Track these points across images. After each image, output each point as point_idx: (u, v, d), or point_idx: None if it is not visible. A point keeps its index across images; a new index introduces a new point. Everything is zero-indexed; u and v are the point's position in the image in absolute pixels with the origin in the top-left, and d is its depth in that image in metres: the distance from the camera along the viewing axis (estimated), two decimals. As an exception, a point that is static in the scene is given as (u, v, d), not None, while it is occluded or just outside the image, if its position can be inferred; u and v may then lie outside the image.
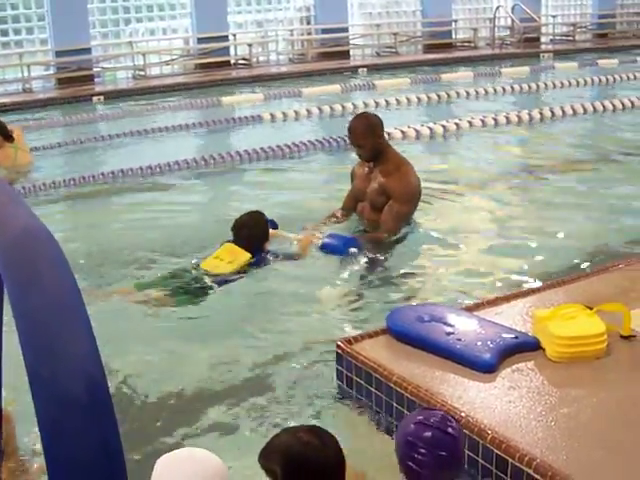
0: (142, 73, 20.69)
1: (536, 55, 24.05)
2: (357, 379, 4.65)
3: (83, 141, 13.41)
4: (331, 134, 12.53)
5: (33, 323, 2.26)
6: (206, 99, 17.29)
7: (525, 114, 14.03)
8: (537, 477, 3.51)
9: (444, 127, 13.10)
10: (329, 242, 7.06)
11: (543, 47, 25.71)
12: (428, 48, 24.70)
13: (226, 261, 6.60)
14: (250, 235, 6.73)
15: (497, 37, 25.61)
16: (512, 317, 5.02)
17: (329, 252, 7.01)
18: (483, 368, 4.37)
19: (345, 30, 23.83)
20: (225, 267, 6.56)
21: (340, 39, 23.55)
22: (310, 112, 15.42)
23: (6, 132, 10.98)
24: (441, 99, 16.53)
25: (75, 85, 19.08)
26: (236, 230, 6.78)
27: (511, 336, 4.60)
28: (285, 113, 15.27)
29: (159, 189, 10.22)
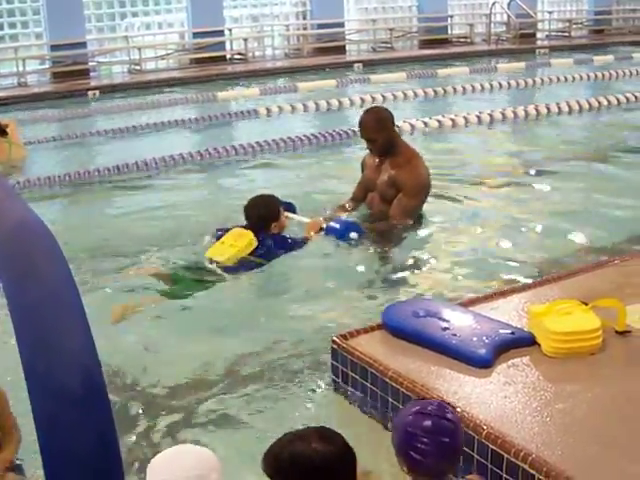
0: (137, 67, 20.68)
1: (532, 51, 24.06)
2: (352, 374, 4.65)
3: (78, 135, 13.40)
4: (327, 129, 12.53)
5: (28, 316, 2.26)
6: (202, 94, 17.29)
7: (521, 110, 14.04)
8: (532, 472, 3.51)
9: (439, 122, 13.10)
10: (332, 226, 7.14)
11: (539, 43, 25.74)
12: (424, 44, 24.70)
13: (228, 244, 6.67)
14: (259, 215, 6.84)
15: (493, 33, 25.61)
16: (508, 312, 5.02)
17: (331, 235, 7.08)
18: (479, 363, 4.36)
19: (341, 25, 23.81)
20: (227, 250, 6.63)
21: (336, 34, 23.53)
22: (306, 107, 15.41)
23: None
24: (437, 94, 16.54)
25: (70, 79, 19.04)
26: (246, 210, 6.92)
27: (507, 331, 4.60)
28: (281, 107, 15.26)
29: (155, 184, 10.23)
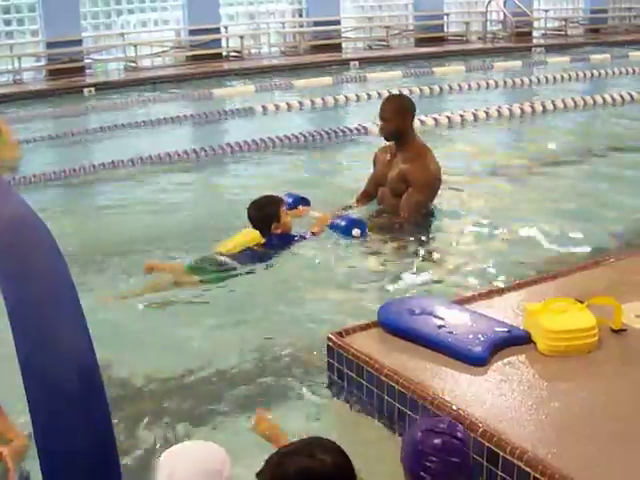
0: (133, 65, 20.67)
1: (528, 49, 24.05)
2: (348, 372, 4.65)
3: (74, 133, 13.38)
4: (323, 127, 12.53)
5: (25, 313, 2.25)
6: (197, 91, 17.30)
7: (517, 108, 14.05)
8: (528, 470, 3.51)
9: (436, 120, 13.10)
10: (336, 222, 7.25)
11: (535, 41, 25.72)
12: (420, 41, 24.69)
13: (235, 240, 6.82)
14: (256, 217, 6.93)
15: (489, 31, 25.66)
16: (503, 310, 5.02)
17: (335, 231, 7.20)
18: (474, 361, 4.36)
19: (337, 23, 23.81)
20: (233, 246, 6.76)
21: (332, 32, 23.53)
22: (302, 105, 15.40)
23: None
24: (433, 92, 16.54)
25: (66, 76, 19.02)
26: (248, 212, 7.01)
27: (502, 329, 4.60)
28: (277, 105, 15.26)
29: (150, 181, 10.21)
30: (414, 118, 7.61)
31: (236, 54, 22.14)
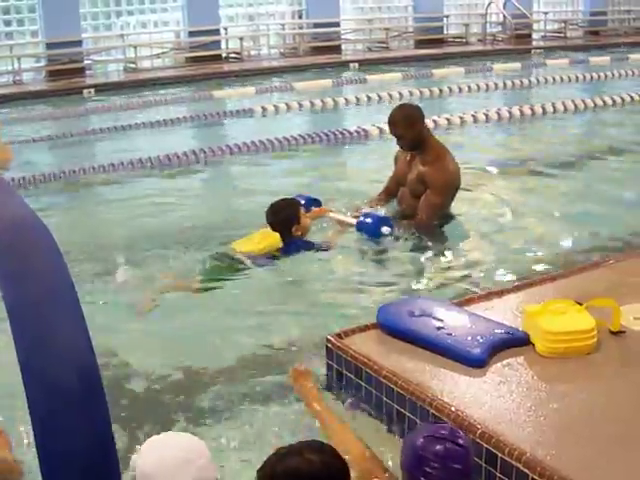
0: (133, 66, 20.66)
1: (527, 51, 24.05)
2: (347, 373, 4.65)
3: (74, 134, 13.37)
4: (322, 128, 12.54)
5: (24, 313, 2.25)
6: (197, 92, 17.31)
7: (516, 110, 14.05)
8: (526, 471, 3.51)
9: (435, 122, 13.07)
10: (363, 221, 7.25)
11: (534, 43, 25.73)
12: (419, 43, 24.68)
13: (255, 241, 6.83)
14: (275, 220, 6.92)
15: (488, 33, 25.67)
16: (502, 312, 5.02)
17: (363, 230, 7.22)
18: (473, 363, 4.36)
19: (337, 25, 23.79)
20: (252, 246, 6.78)
21: (332, 34, 23.52)
22: (302, 106, 15.41)
23: None
24: (432, 94, 16.53)
25: (66, 77, 19.00)
26: (267, 215, 6.99)
27: (501, 331, 4.60)
28: (276, 107, 15.26)
29: (150, 183, 10.21)
30: (424, 120, 7.57)
31: (236, 55, 22.13)
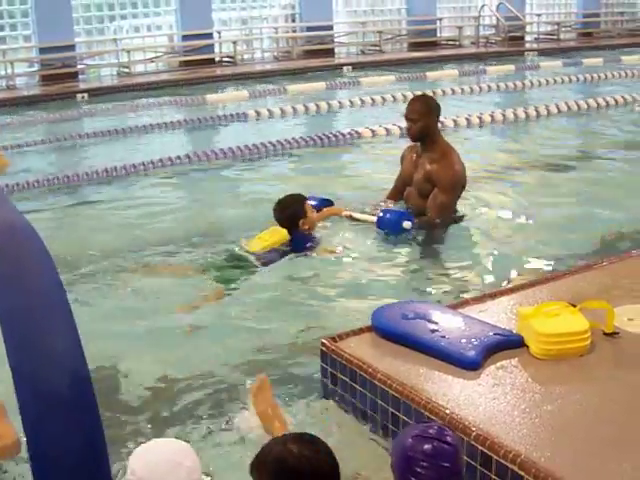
0: (126, 70, 20.67)
1: (521, 54, 24.12)
2: (342, 376, 4.65)
3: (67, 138, 13.37)
4: (316, 131, 12.54)
5: (16, 318, 2.25)
6: (191, 97, 17.30)
7: (510, 112, 14.07)
8: (521, 473, 3.51)
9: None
10: (383, 218, 7.37)
11: (528, 46, 25.81)
12: (413, 46, 24.73)
13: (265, 239, 6.97)
14: (283, 216, 7.08)
15: (482, 36, 25.70)
16: (497, 314, 5.02)
17: (385, 227, 7.34)
18: (468, 365, 4.36)
19: (330, 28, 23.84)
20: (261, 243, 6.92)
21: (325, 37, 23.57)
22: (296, 110, 15.41)
23: None
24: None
25: (59, 82, 19.02)
26: (274, 212, 7.15)
27: (495, 333, 4.60)
28: (270, 110, 15.26)
29: (144, 187, 10.21)
30: (439, 118, 7.68)
31: (229, 59, 22.16)
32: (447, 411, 3.94)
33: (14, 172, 10.97)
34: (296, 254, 6.93)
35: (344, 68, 21.50)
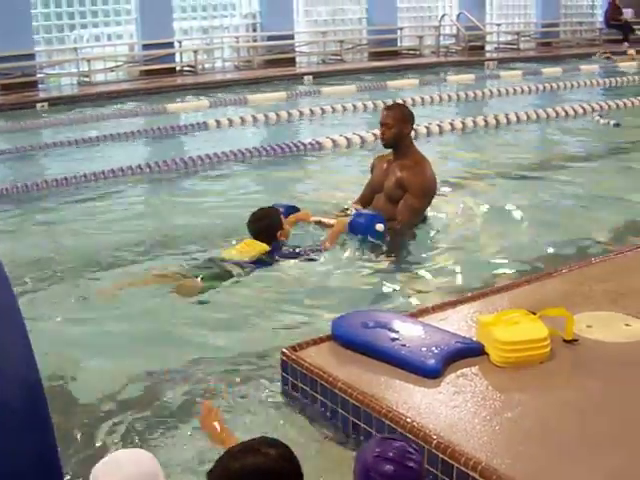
0: (87, 79, 20.54)
1: (481, 63, 24.25)
2: (302, 386, 4.64)
3: (27, 148, 13.26)
4: (277, 141, 12.54)
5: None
6: (151, 106, 17.23)
7: (470, 121, 14.14)
8: (482, 481, 3.53)
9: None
10: (355, 222, 7.40)
11: (488, 55, 25.94)
12: (374, 56, 24.80)
13: (244, 250, 6.98)
14: (259, 228, 7.10)
15: (442, 45, 25.82)
16: (457, 322, 5.04)
17: (357, 230, 7.36)
18: (428, 374, 4.37)
19: (291, 37, 23.85)
20: (240, 255, 6.92)
21: (286, 46, 23.57)
22: (256, 119, 15.40)
23: None
24: (386, 106, 16.55)
25: (18, 91, 18.84)
26: (250, 224, 7.17)
27: (456, 341, 4.62)
28: (231, 120, 15.23)
29: (104, 196, 10.15)
30: (412, 127, 7.85)
31: (190, 69, 22.10)
32: (408, 420, 3.95)
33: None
34: (273, 264, 6.94)
35: (305, 77, 21.51)
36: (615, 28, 28.49)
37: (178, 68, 22.08)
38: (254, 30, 23.92)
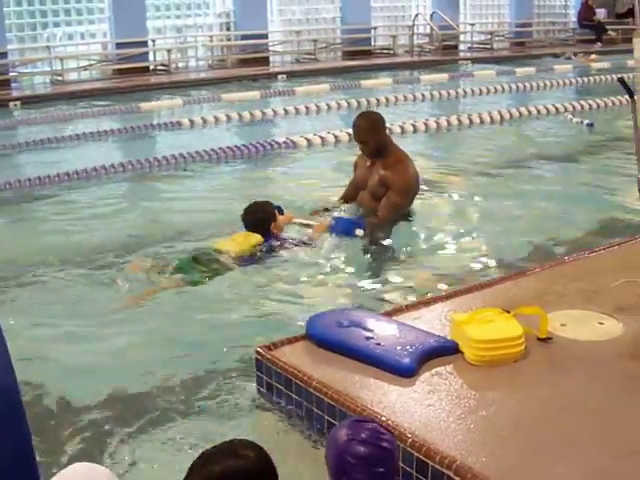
0: (60, 78, 20.44)
1: (454, 62, 24.32)
2: (277, 385, 4.63)
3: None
4: (251, 140, 12.53)
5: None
6: (124, 105, 17.16)
7: (444, 120, 14.18)
8: (457, 479, 3.53)
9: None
10: (336, 225, 7.53)
11: (461, 55, 26.03)
12: (347, 55, 24.82)
13: (237, 242, 7.07)
14: (254, 220, 7.22)
15: (416, 44, 25.85)
16: (431, 321, 5.05)
17: (339, 233, 7.46)
18: (403, 372, 4.37)
19: (265, 37, 23.83)
20: (235, 246, 7.00)
21: (260, 45, 23.54)
22: (230, 118, 15.38)
23: None
24: (360, 105, 16.55)
25: (-10, 90, 18.78)
26: (244, 217, 7.27)
27: (430, 340, 4.62)
28: (204, 119, 15.20)
29: (77, 196, 10.10)
30: (385, 127, 7.95)
31: (163, 68, 22.04)
32: (383, 418, 3.94)
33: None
34: (257, 260, 7.00)
35: (279, 77, 21.52)
36: (588, 28, 28.66)
37: (152, 67, 22.02)
38: (228, 29, 23.87)
